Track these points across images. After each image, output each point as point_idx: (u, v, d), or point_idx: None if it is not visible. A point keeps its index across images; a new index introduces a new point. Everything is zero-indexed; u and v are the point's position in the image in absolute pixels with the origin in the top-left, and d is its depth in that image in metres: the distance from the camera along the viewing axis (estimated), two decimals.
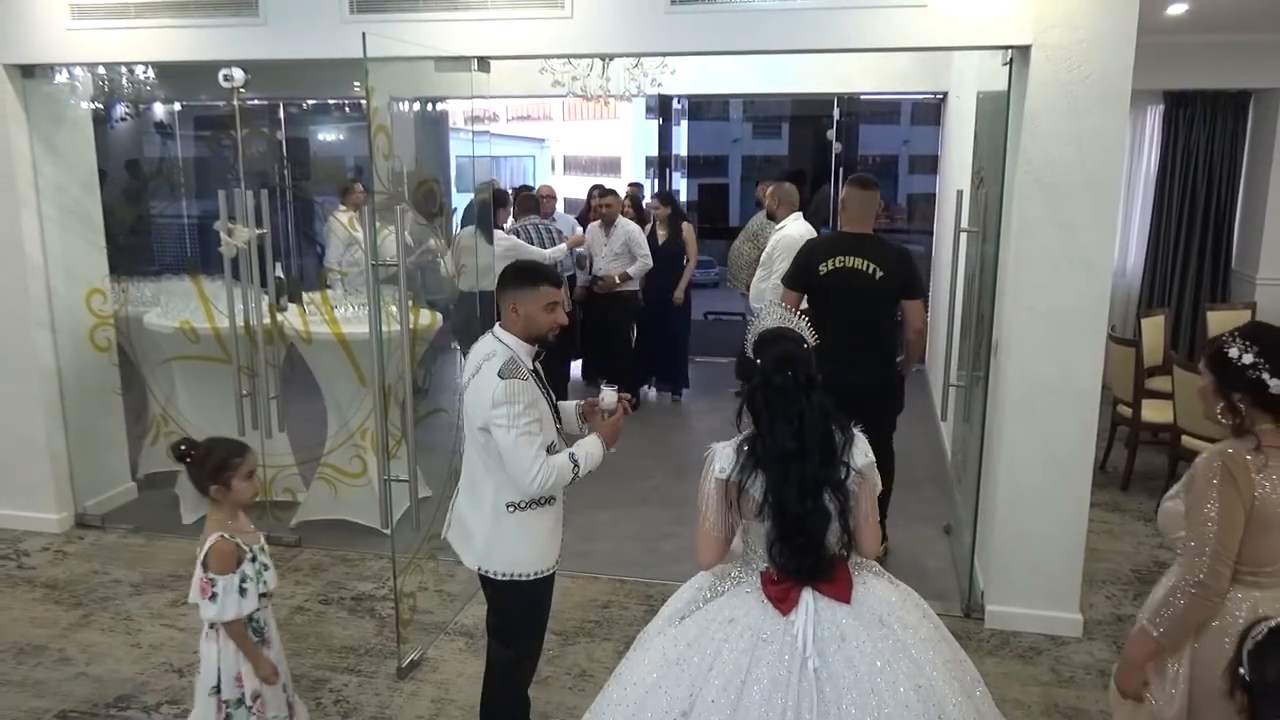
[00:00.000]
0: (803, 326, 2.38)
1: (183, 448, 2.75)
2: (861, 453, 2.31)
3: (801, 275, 4.21)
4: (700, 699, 2.17)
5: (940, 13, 3.64)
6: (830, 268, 4.11)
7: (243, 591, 2.66)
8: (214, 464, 2.69)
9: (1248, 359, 2.17)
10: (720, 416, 6.87)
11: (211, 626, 2.70)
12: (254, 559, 2.71)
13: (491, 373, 2.64)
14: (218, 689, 2.70)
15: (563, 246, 6.89)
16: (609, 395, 2.88)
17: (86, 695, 3.49)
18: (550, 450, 2.70)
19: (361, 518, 4.83)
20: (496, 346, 2.73)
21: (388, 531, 3.65)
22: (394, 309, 3.65)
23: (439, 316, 4.97)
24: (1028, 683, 3.56)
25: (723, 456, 2.31)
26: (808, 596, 2.23)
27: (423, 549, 3.90)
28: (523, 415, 2.60)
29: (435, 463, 4.33)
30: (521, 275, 2.79)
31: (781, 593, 2.24)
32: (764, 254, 6.21)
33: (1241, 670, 1.50)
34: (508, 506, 2.74)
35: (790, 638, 2.19)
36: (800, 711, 2.11)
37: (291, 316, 4.87)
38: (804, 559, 2.23)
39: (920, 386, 6.62)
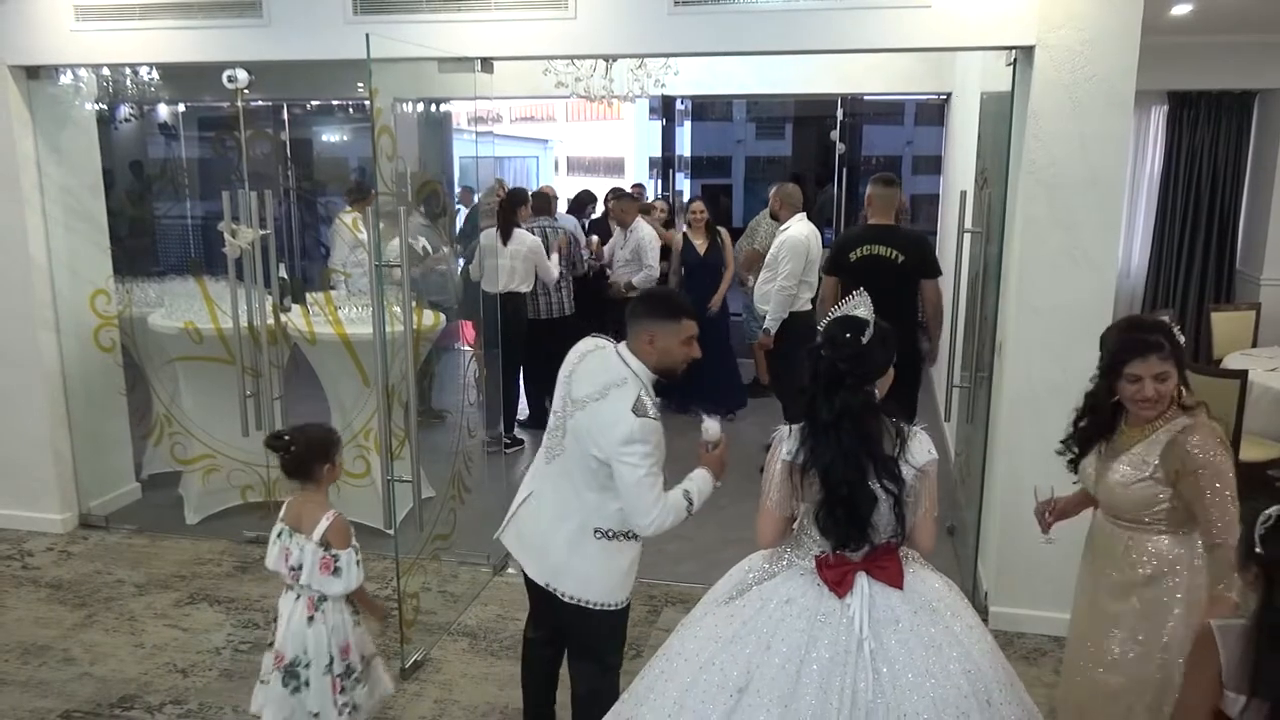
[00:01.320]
0: (866, 312, 2.35)
1: (285, 438, 2.87)
2: (925, 450, 2.33)
3: (836, 263, 4.89)
4: (758, 676, 2.20)
5: (944, 13, 3.64)
6: (859, 255, 4.75)
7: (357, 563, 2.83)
8: (319, 446, 2.88)
9: (1180, 335, 2.40)
10: (733, 421, 6.85)
11: (319, 608, 2.81)
12: None
13: (624, 407, 2.53)
14: (330, 666, 2.80)
15: (554, 256, 6.76)
16: (713, 427, 2.78)
17: (90, 695, 3.50)
18: None
19: (364, 518, 4.81)
20: (626, 374, 2.61)
21: (391, 532, 3.65)
22: (397, 309, 3.65)
23: (442, 317, 4.98)
24: (1032, 684, 3.53)
25: (790, 439, 2.34)
26: (862, 580, 2.27)
27: (426, 549, 3.90)
28: (651, 455, 2.53)
29: (438, 464, 4.34)
30: (660, 307, 2.67)
31: (837, 576, 2.28)
32: (769, 255, 6.21)
33: (1257, 550, 1.75)
34: (595, 532, 2.66)
35: (846, 620, 2.23)
36: (857, 690, 2.15)
37: (295, 317, 4.88)
38: (843, 527, 2.25)
39: (924, 387, 6.61)
